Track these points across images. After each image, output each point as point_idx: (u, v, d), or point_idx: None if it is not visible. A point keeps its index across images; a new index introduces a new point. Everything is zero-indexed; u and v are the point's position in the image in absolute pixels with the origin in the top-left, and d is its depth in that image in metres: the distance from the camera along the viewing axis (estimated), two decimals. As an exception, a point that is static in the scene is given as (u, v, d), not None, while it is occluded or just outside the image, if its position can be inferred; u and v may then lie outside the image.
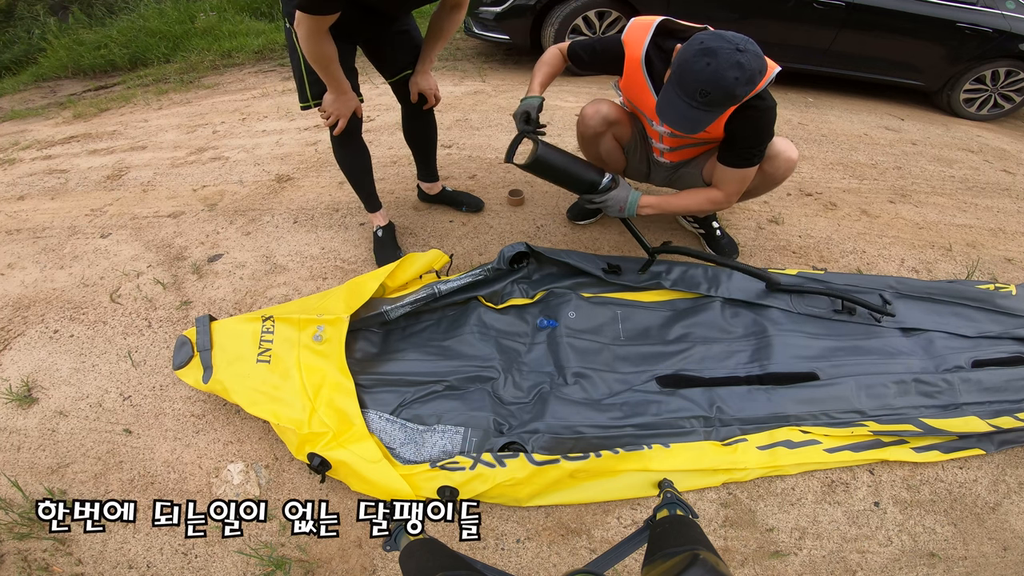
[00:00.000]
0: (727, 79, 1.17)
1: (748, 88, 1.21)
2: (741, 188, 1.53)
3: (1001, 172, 2.94)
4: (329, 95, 1.50)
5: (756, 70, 1.19)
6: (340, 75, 1.44)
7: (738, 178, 1.50)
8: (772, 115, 1.39)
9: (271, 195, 2.35)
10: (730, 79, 1.17)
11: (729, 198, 1.55)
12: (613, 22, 3.32)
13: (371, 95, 3.21)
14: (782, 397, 1.49)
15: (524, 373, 1.55)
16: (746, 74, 1.17)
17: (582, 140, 1.75)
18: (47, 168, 2.83)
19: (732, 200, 1.56)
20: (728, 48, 1.17)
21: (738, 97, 1.22)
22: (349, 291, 1.55)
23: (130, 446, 1.43)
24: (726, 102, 1.23)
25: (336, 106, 1.52)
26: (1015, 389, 1.53)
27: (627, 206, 1.56)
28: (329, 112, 1.53)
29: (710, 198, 1.57)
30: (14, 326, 1.77)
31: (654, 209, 1.60)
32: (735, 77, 1.17)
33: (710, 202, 1.58)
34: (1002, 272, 2.06)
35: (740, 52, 1.17)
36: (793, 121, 3.25)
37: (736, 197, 1.56)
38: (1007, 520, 1.34)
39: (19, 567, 1.21)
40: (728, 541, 1.27)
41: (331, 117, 1.55)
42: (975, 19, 3.34)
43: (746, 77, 1.18)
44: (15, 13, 5.72)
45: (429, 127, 1.91)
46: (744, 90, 1.21)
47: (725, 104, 1.24)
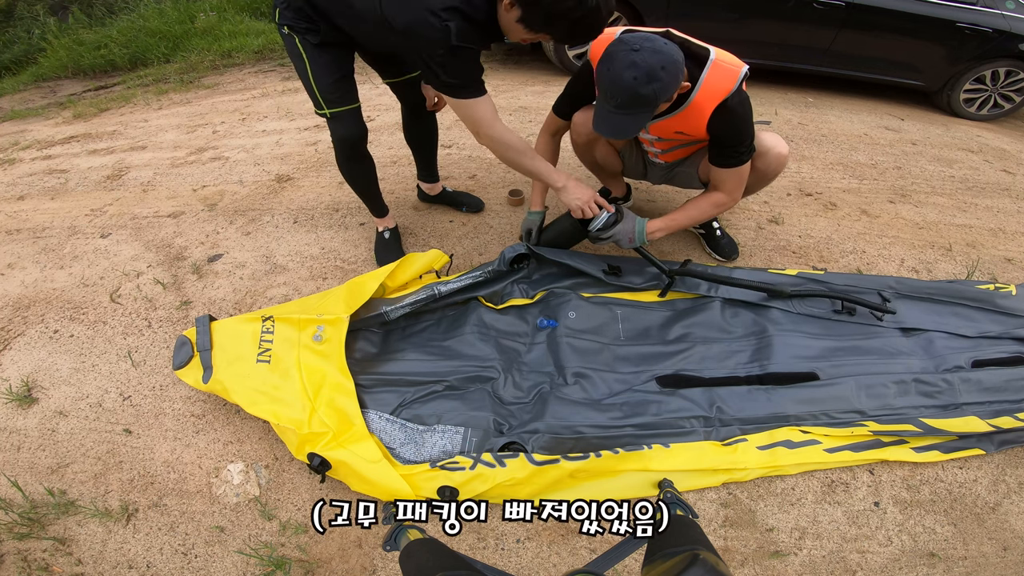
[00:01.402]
0: (625, 80, 1.18)
1: (653, 86, 1.18)
2: (741, 185, 1.54)
3: (1001, 172, 2.94)
4: (573, 188, 1.52)
5: (655, 66, 1.17)
6: (548, 168, 1.51)
7: (735, 176, 1.51)
8: (746, 109, 1.38)
9: (271, 195, 2.35)
10: (628, 79, 1.18)
11: (732, 197, 1.56)
12: (613, 22, 3.32)
13: (371, 95, 3.21)
14: (782, 397, 1.49)
15: (524, 373, 1.55)
16: (643, 71, 1.17)
17: (576, 148, 1.75)
18: (47, 168, 2.83)
19: (736, 198, 1.57)
20: (623, 50, 1.19)
21: (645, 97, 1.20)
22: (349, 291, 1.55)
23: (130, 446, 1.43)
24: (636, 104, 1.21)
25: (582, 200, 1.53)
26: (1015, 389, 1.53)
27: (636, 235, 1.55)
28: (580, 204, 1.54)
29: (715, 202, 1.57)
30: (14, 326, 1.77)
31: (664, 231, 1.59)
32: (633, 77, 1.17)
33: (716, 206, 1.58)
34: (1002, 272, 2.06)
35: (634, 52, 1.18)
36: (793, 121, 3.25)
37: (738, 194, 1.56)
38: (1007, 520, 1.34)
39: (19, 567, 1.21)
40: (728, 541, 1.27)
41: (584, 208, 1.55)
42: (975, 19, 3.34)
43: (644, 75, 1.17)
44: (15, 13, 5.72)
45: (430, 128, 1.91)
46: (648, 89, 1.18)
47: (638, 106, 1.22)
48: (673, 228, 1.60)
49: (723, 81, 1.32)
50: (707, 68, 1.31)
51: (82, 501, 1.32)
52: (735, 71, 1.32)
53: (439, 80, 1.28)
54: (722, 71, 1.32)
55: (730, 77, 1.32)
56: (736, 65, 1.33)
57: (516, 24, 1.19)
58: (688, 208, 1.60)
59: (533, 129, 2.86)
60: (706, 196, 1.59)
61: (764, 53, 3.44)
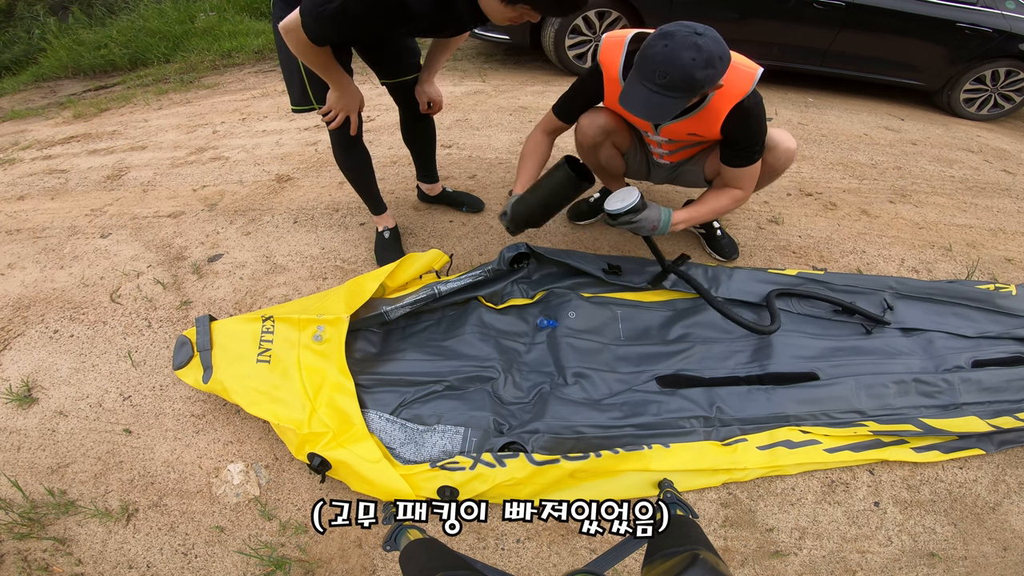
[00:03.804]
0: (683, 59, 1.16)
1: (707, 72, 1.18)
2: (755, 180, 1.57)
3: (1001, 172, 2.94)
4: (333, 93, 1.45)
5: (715, 54, 1.17)
6: (340, 71, 1.40)
7: (750, 174, 1.53)
8: (761, 110, 1.41)
9: (271, 195, 2.35)
10: (687, 59, 1.16)
11: (748, 193, 1.59)
12: (613, 22, 3.32)
13: (371, 95, 3.20)
14: (782, 397, 1.49)
15: (524, 373, 1.55)
16: (703, 55, 1.16)
17: (581, 150, 1.75)
18: (47, 168, 2.83)
19: (751, 193, 1.60)
20: (686, 31, 1.18)
21: (697, 81, 1.18)
22: (349, 291, 1.55)
23: (130, 446, 1.43)
24: (685, 86, 1.20)
25: (342, 103, 1.47)
26: (1015, 389, 1.53)
27: (660, 225, 1.53)
28: (336, 110, 1.49)
29: (734, 197, 1.58)
30: (14, 326, 1.77)
31: (686, 223, 1.59)
32: (692, 58, 1.16)
33: (734, 201, 1.59)
34: (1002, 272, 2.06)
35: (698, 35, 1.17)
36: (793, 121, 3.25)
37: (753, 189, 1.59)
38: (1007, 520, 1.34)
39: (19, 567, 1.21)
40: (728, 541, 1.27)
41: (339, 116, 1.50)
42: (975, 19, 3.34)
43: (703, 59, 1.16)
44: (15, 13, 5.73)
45: (428, 130, 1.91)
46: (703, 74, 1.17)
47: (685, 90, 1.20)
48: (695, 221, 1.60)
49: (740, 83, 1.33)
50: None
51: (82, 501, 1.32)
52: (751, 73, 1.34)
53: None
54: (739, 73, 1.33)
55: (746, 79, 1.33)
56: (752, 67, 1.34)
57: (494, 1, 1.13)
58: (709, 202, 1.60)
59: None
60: (725, 191, 1.59)
61: (764, 53, 3.44)
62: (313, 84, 1.47)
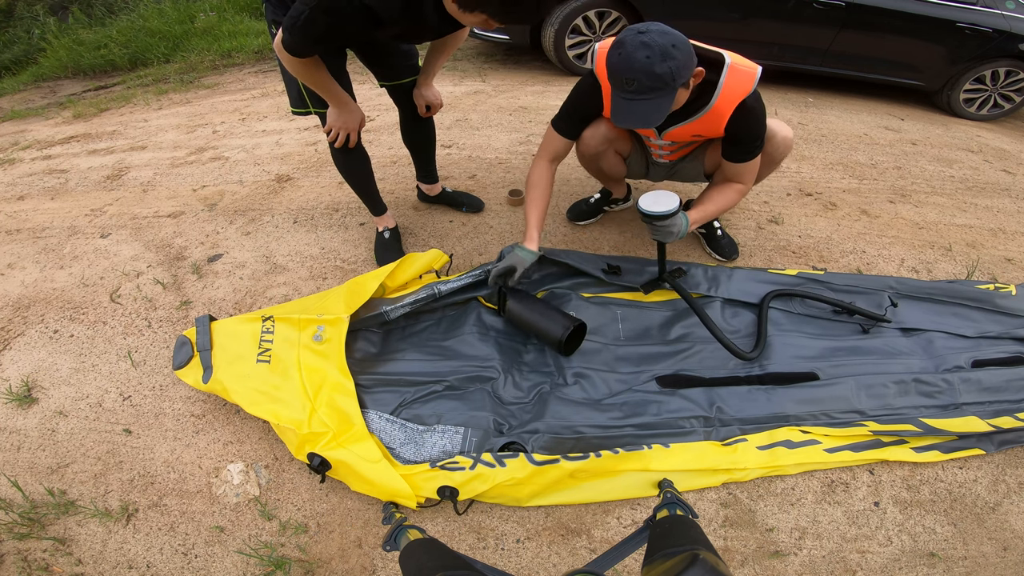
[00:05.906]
0: (639, 60, 1.17)
1: (668, 64, 1.18)
2: (755, 172, 1.59)
3: (1001, 172, 2.95)
4: (332, 111, 1.46)
5: (666, 45, 1.17)
6: (338, 89, 1.41)
7: (752, 167, 1.56)
8: (762, 107, 1.43)
9: (271, 195, 2.35)
10: (641, 59, 1.17)
11: (751, 185, 1.62)
12: (613, 22, 3.32)
13: (371, 95, 3.21)
14: (782, 397, 1.49)
15: (524, 373, 1.55)
16: (655, 51, 1.17)
17: (582, 159, 1.75)
18: (47, 168, 2.83)
19: (751, 185, 1.63)
20: (631, 34, 1.19)
21: (662, 76, 1.18)
22: (349, 291, 1.55)
23: (130, 446, 1.43)
24: (654, 85, 1.20)
25: (341, 120, 1.48)
26: (1015, 389, 1.53)
27: (681, 230, 1.54)
28: (336, 129, 1.49)
29: (739, 191, 1.61)
30: (14, 326, 1.77)
31: (699, 223, 1.60)
32: (646, 56, 1.17)
33: (740, 194, 1.61)
34: (1002, 272, 2.06)
35: (641, 34, 1.18)
36: (793, 121, 3.25)
37: (754, 180, 1.62)
38: (1007, 520, 1.34)
39: (19, 567, 1.21)
40: (728, 541, 1.27)
41: (340, 133, 1.51)
42: (975, 19, 3.34)
43: (657, 53, 1.17)
44: (15, 13, 5.73)
45: (428, 131, 1.91)
46: (663, 67, 1.17)
47: (656, 88, 1.21)
48: (706, 219, 1.61)
49: (741, 84, 1.35)
50: (725, 73, 1.34)
51: (82, 501, 1.32)
52: (752, 73, 1.35)
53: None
54: (739, 74, 1.35)
55: (748, 79, 1.35)
56: (751, 67, 1.36)
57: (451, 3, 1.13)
58: (716, 199, 1.61)
59: (533, 129, 2.86)
60: (729, 186, 1.61)
61: (764, 53, 3.44)
62: (310, 90, 1.46)
